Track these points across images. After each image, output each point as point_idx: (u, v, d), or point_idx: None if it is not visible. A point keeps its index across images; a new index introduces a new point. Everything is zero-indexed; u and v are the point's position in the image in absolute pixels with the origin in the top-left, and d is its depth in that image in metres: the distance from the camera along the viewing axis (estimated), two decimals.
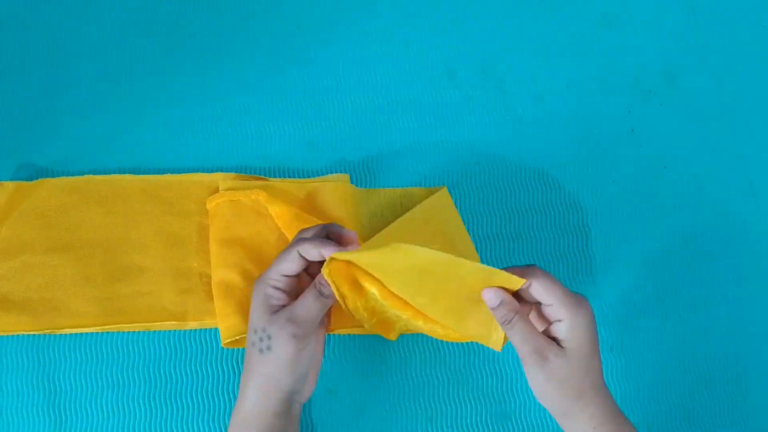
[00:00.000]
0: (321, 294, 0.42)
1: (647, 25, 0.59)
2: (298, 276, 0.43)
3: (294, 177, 0.53)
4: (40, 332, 0.48)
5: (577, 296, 0.41)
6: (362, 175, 0.53)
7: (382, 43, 0.56)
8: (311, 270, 0.44)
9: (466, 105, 0.55)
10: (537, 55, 0.57)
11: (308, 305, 0.42)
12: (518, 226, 0.53)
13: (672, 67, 0.58)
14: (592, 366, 0.40)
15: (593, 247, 0.54)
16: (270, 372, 0.41)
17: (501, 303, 0.40)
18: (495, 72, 0.56)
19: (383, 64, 0.56)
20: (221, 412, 0.48)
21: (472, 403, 0.49)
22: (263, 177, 0.52)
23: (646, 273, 0.53)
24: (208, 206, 0.50)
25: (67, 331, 0.48)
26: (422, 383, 0.49)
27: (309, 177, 0.53)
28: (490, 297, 0.40)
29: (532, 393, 0.41)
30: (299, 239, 0.43)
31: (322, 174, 0.53)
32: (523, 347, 0.40)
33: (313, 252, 0.42)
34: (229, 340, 0.46)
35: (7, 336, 0.48)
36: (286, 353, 0.41)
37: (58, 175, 0.51)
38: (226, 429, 0.47)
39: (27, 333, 0.47)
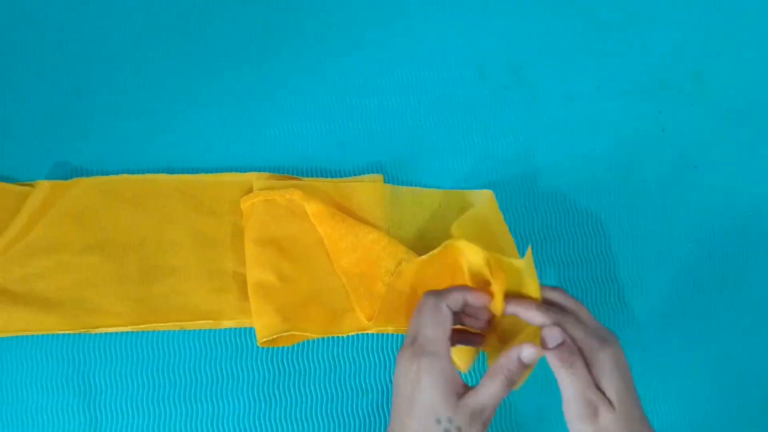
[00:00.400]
0: (511, 383, 0.36)
1: (675, 25, 0.59)
2: None
3: (327, 177, 0.53)
4: (75, 332, 0.48)
5: (602, 332, 0.37)
6: (395, 174, 0.53)
7: (412, 43, 0.56)
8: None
9: (497, 105, 0.55)
10: (567, 56, 0.57)
11: (496, 395, 0.36)
12: (547, 226, 0.53)
13: (701, 66, 0.58)
14: (637, 412, 0.36)
15: (622, 247, 0.53)
16: None
17: (563, 343, 0.36)
18: (526, 72, 0.56)
19: (413, 64, 0.56)
20: (257, 412, 0.48)
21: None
22: (297, 177, 0.52)
23: (676, 274, 0.53)
24: (243, 206, 0.50)
25: (102, 330, 0.48)
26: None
27: (342, 177, 0.53)
28: (555, 335, 0.36)
29: None
30: (429, 294, 0.39)
31: (355, 174, 0.53)
32: (577, 397, 0.35)
33: (457, 298, 0.38)
34: (265, 339, 0.46)
35: (42, 335, 0.48)
36: None
37: (92, 175, 0.51)
38: (261, 428, 0.47)
39: (62, 332, 0.48)
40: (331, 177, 0.53)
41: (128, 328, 0.48)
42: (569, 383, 0.35)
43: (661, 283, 0.53)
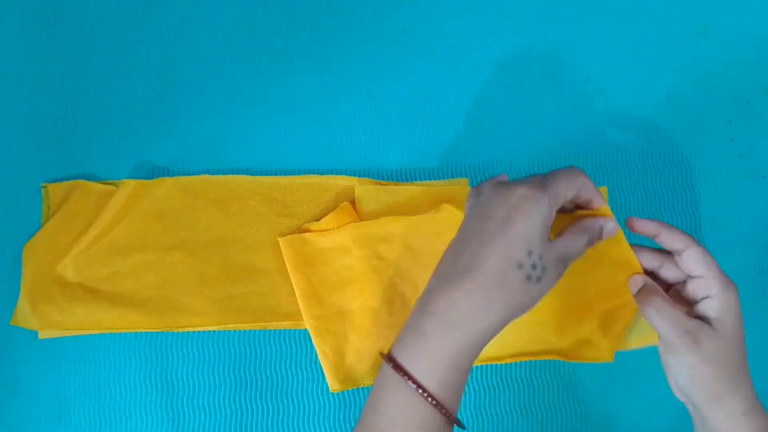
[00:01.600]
0: (591, 243, 0.37)
1: (745, 36, 0.59)
2: None
3: (404, 181, 0.53)
4: (159, 330, 0.48)
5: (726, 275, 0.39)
6: (476, 179, 0.53)
7: (482, 50, 0.57)
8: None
9: (571, 112, 0.56)
10: (638, 65, 0.57)
11: (579, 249, 0.36)
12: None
13: None
14: (743, 345, 0.39)
15: None
16: (525, 304, 0.34)
17: (644, 285, 0.39)
18: (598, 80, 0.57)
19: (486, 71, 0.56)
20: (338, 412, 0.48)
21: None
22: (393, 182, 0.52)
23: (744, 282, 0.53)
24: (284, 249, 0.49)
25: (186, 329, 0.48)
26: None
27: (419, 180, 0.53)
28: (636, 279, 0.39)
29: None
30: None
31: (435, 178, 0.53)
32: (673, 330, 0.37)
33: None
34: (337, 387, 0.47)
35: (126, 333, 0.48)
36: (545, 293, 0.34)
37: (173, 174, 0.51)
38: (344, 429, 0.48)
39: (146, 330, 0.48)
40: (409, 180, 0.53)
41: (211, 328, 0.48)
42: (658, 319, 0.38)
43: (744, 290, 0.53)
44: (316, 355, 0.48)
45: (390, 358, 0.34)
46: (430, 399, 0.32)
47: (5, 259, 0.49)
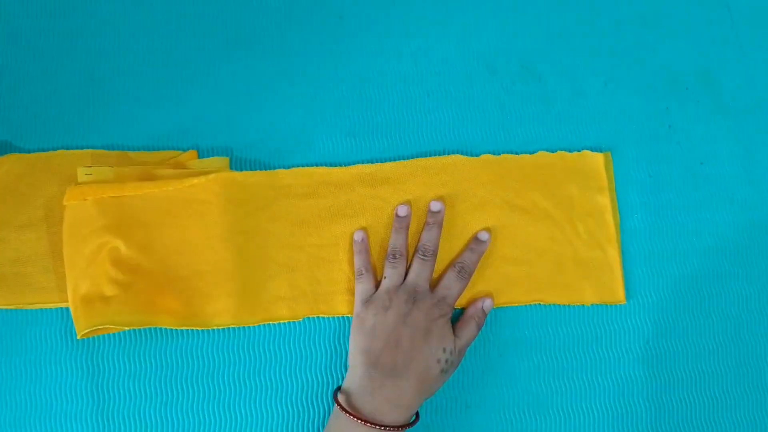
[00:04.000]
0: (480, 326, 0.49)
1: (683, 24, 0.59)
2: None
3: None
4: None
5: None
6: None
7: (421, 37, 0.57)
8: None
9: (505, 99, 0.56)
10: (576, 53, 0.58)
11: (473, 335, 0.48)
12: None
13: (708, 65, 0.59)
14: None
15: (630, 241, 0.54)
16: (436, 389, 0.46)
17: None
18: (533, 67, 0.57)
19: (423, 58, 0.57)
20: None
21: None
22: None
23: (682, 270, 0.54)
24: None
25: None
26: None
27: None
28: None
29: None
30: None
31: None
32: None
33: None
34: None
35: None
36: (447, 379, 0.47)
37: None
38: None
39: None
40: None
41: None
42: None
43: (668, 279, 0.53)
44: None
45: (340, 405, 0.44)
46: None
47: None
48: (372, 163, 0.53)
